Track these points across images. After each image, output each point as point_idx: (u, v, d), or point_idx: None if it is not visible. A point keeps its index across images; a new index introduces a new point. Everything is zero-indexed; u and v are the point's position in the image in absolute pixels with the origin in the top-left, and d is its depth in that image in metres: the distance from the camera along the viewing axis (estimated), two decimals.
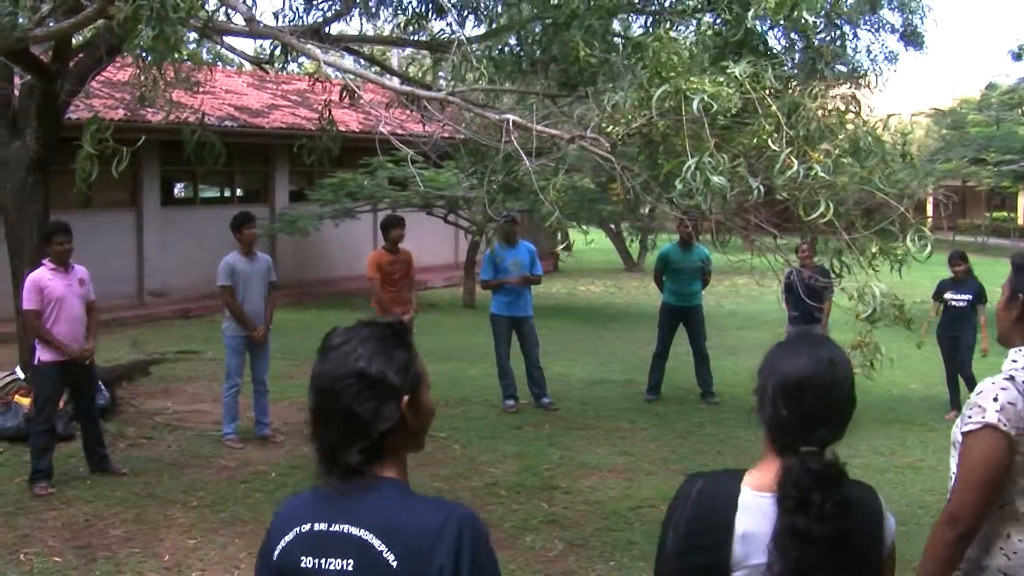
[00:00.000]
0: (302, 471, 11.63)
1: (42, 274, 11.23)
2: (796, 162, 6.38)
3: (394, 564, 2.84)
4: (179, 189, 30.04)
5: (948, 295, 15.33)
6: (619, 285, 34.19)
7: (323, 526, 2.96)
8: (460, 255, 32.39)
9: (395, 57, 35.79)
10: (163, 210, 26.50)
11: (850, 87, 8.75)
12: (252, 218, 13.20)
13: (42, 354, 11.20)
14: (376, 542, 2.87)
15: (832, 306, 14.16)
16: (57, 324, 11.16)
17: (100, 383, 13.06)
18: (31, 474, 11.02)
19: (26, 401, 12.76)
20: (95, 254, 19.73)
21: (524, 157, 8.00)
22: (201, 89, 14.34)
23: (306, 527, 2.99)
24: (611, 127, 7.67)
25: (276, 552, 3.02)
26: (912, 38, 10.88)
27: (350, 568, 2.89)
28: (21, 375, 13.43)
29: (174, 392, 15.89)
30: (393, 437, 2.99)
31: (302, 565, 2.95)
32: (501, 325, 15.08)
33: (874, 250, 6.86)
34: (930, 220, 7.15)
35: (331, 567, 2.91)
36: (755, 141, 6.76)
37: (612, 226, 36.03)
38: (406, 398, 3.01)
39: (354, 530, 2.90)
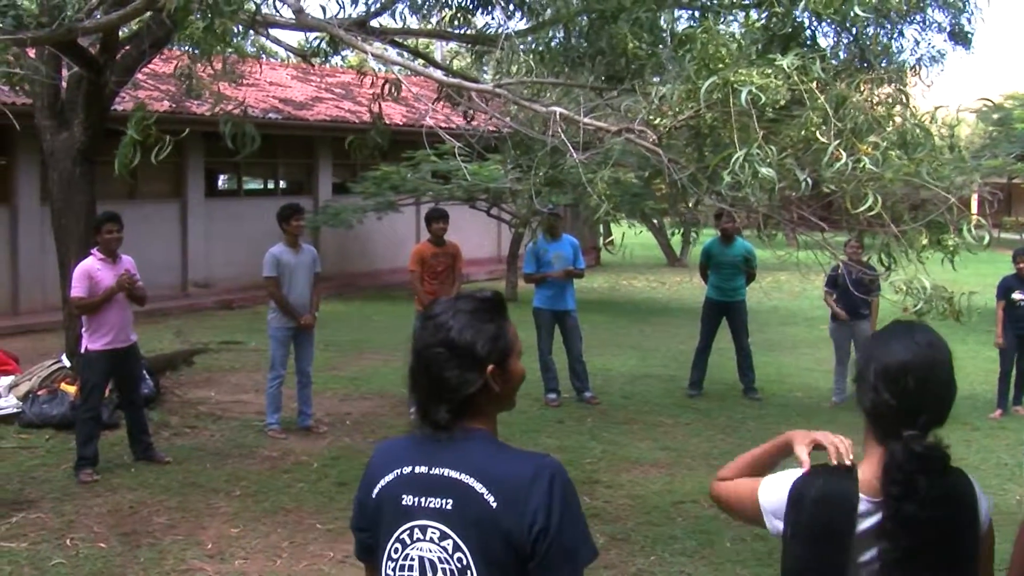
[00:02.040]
0: (344, 461, 11.67)
1: (92, 264, 11.31)
2: (844, 154, 6.36)
3: (494, 505, 3.14)
4: (223, 181, 30.20)
5: (1016, 295, 14.81)
6: (661, 280, 34.12)
7: (423, 468, 3.27)
8: (503, 249, 32.36)
9: (439, 51, 35.83)
10: (207, 201, 26.61)
11: (896, 83, 8.66)
12: (301, 210, 13.21)
13: (89, 343, 11.29)
14: (477, 485, 3.18)
15: (879, 302, 14.10)
16: (106, 314, 11.23)
17: (145, 372, 13.14)
18: (77, 461, 11.11)
19: (72, 389, 12.86)
20: (140, 245, 19.84)
21: (571, 150, 8.00)
22: (246, 81, 14.40)
23: (407, 469, 3.31)
24: (658, 119, 7.65)
25: (376, 490, 3.36)
26: (959, 37, 10.79)
27: (449, 507, 3.20)
28: (67, 363, 13.53)
29: (217, 382, 15.98)
30: (479, 399, 3.28)
31: (403, 503, 3.28)
32: (544, 318, 15.07)
33: (924, 242, 6.82)
34: (975, 217, 7.05)
35: (431, 505, 3.23)
36: (803, 133, 6.73)
37: (655, 221, 35.93)
38: (491, 367, 3.29)
39: (454, 473, 3.22)
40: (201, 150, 25.39)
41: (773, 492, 3.61)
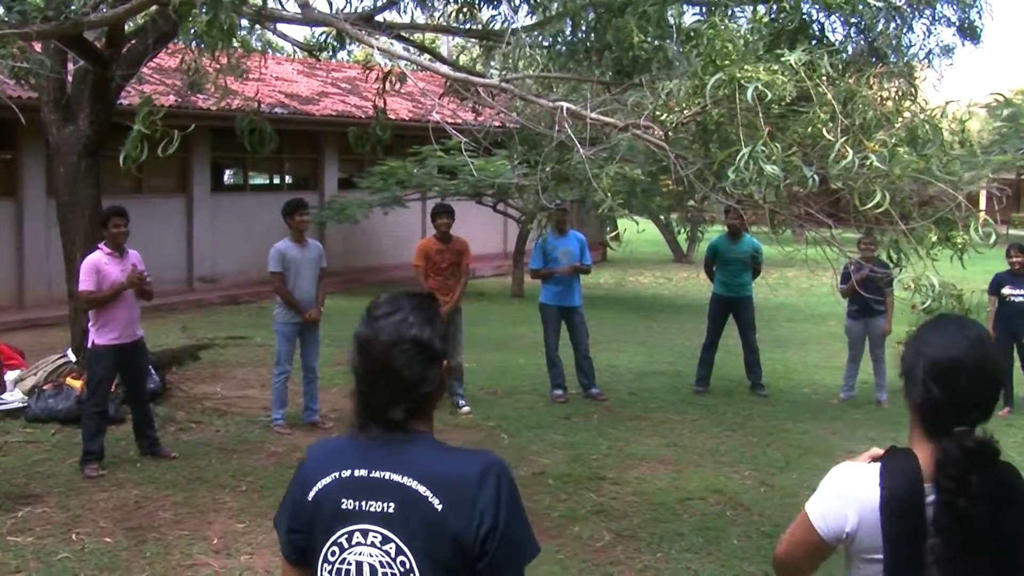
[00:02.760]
0: None
1: (99, 258, 11.32)
2: (851, 151, 6.35)
3: (439, 507, 3.13)
4: (229, 176, 30.18)
5: (1006, 290, 14.69)
6: (668, 276, 34.10)
7: (363, 472, 3.25)
8: (509, 244, 32.39)
9: (445, 46, 35.82)
10: (213, 196, 26.63)
11: (905, 78, 8.66)
12: (304, 205, 13.22)
13: (96, 338, 11.31)
14: (421, 488, 3.16)
15: (894, 300, 14.10)
16: (114, 309, 11.26)
17: (151, 367, 13.17)
18: (83, 456, 11.14)
19: (78, 384, 12.89)
20: (145, 239, 19.86)
21: (578, 145, 8.00)
22: (251, 76, 14.41)
23: (346, 472, 3.27)
24: (665, 115, 7.64)
25: (313, 492, 3.30)
26: (968, 32, 10.76)
27: (391, 510, 3.18)
28: (73, 357, 13.56)
29: (223, 377, 16.01)
30: (431, 397, 3.34)
31: (342, 506, 3.24)
32: (550, 315, 15.08)
33: (933, 239, 6.82)
34: (983, 213, 7.05)
35: (372, 508, 3.21)
36: (810, 130, 6.72)
37: (662, 217, 35.90)
38: (446, 362, 3.36)
39: (396, 477, 3.20)
40: (207, 145, 25.42)
41: (834, 500, 3.52)
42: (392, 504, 3.18)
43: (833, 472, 3.52)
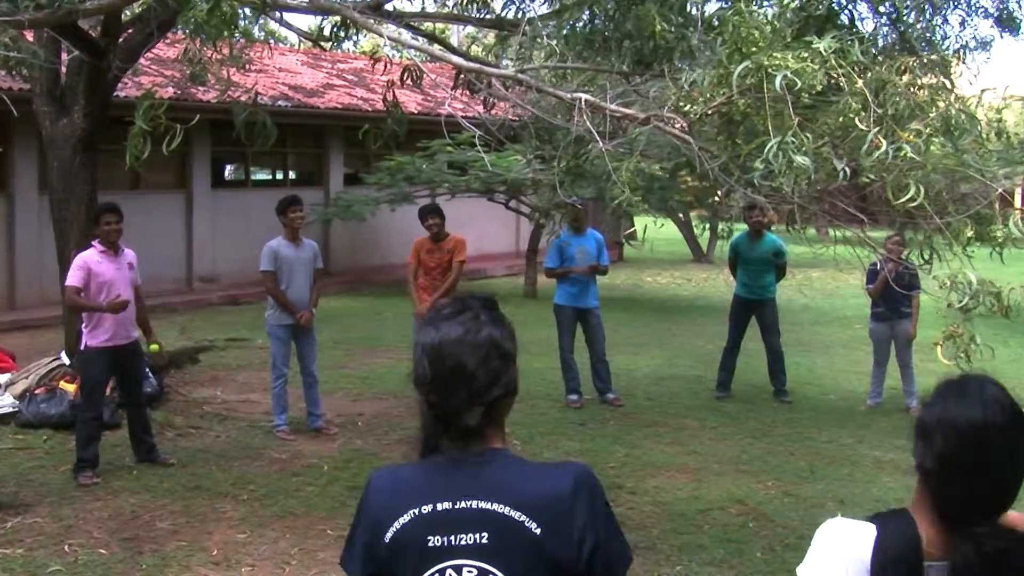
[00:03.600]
0: (356, 464, 11.65)
1: (91, 256, 11.26)
2: (884, 142, 6.29)
3: (538, 532, 3.00)
4: (230, 171, 30.20)
5: None
6: (687, 276, 34.04)
7: (447, 504, 3.08)
8: (522, 243, 32.33)
9: (455, 36, 35.79)
10: (213, 192, 26.66)
11: (939, 71, 8.59)
12: (298, 201, 13.16)
13: (89, 339, 11.26)
14: (515, 514, 3.02)
15: (920, 301, 14.04)
16: None
17: (147, 370, 13.13)
18: (76, 463, 11.08)
19: (71, 387, 12.85)
20: (143, 237, 19.87)
21: (597, 138, 7.95)
22: (253, 67, 14.38)
23: (427, 508, 3.10)
24: (688, 106, 7.59)
25: (390, 533, 3.11)
26: (1007, 23, 10.66)
27: (485, 541, 3.03)
28: (66, 360, 13.53)
29: (223, 381, 15.98)
30: (503, 403, 3.20)
31: (429, 544, 3.07)
32: (565, 316, 15.03)
33: (969, 234, 6.75)
34: (1019, 211, 6.96)
35: (463, 542, 3.04)
36: (840, 120, 6.67)
37: (681, 215, 35.84)
38: (515, 364, 3.26)
39: (484, 504, 3.05)
40: (207, 139, 25.44)
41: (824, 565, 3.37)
42: (485, 534, 3.04)
43: (824, 528, 3.35)
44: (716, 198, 11.27)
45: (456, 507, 3.07)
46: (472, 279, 29.44)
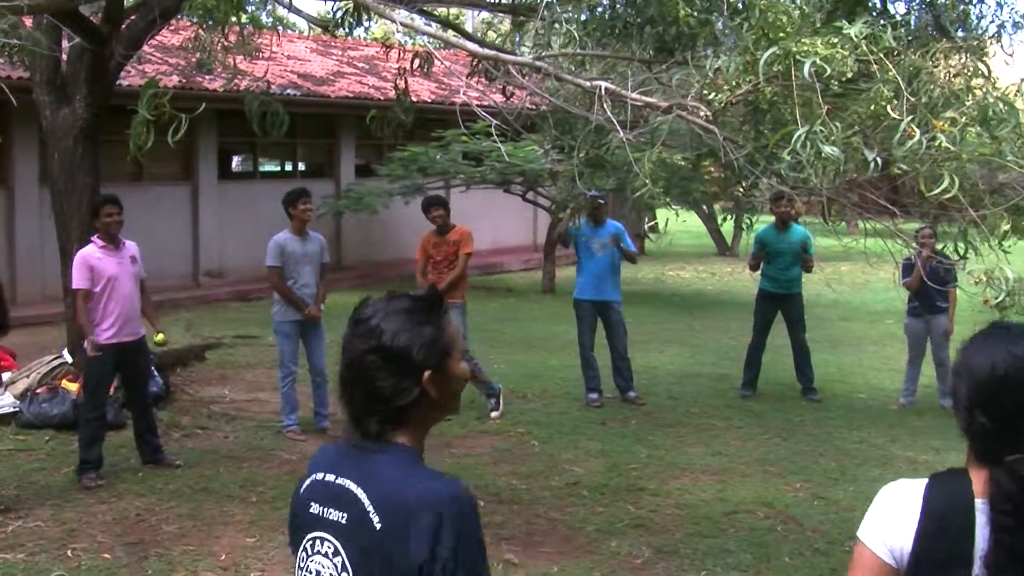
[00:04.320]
0: None
1: (92, 251, 11.25)
2: (918, 131, 6.26)
3: (378, 526, 3.12)
4: (237, 162, 30.23)
5: None
6: (711, 270, 34.01)
7: (331, 476, 3.28)
8: (539, 236, 32.32)
9: (470, 22, 35.77)
10: (220, 184, 26.67)
11: (975, 54, 8.54)
12: (307, 194, 13.18)
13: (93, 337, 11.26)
14: (368, 503, 3.15)
15: (956, 295, 14.02)
16: (109, 304, 11.19)
17: (153, 369, 13.13)
18: (79, 464, 11.09)
19: (74, 387, 12.87)
20: (147, 230, 19.91)
21: (617, 128, 7.93)
22: (262, 55, 14.37)
23: (320, 475, 3.33)
24: (713, 95, 7.56)
25: (299, 492, 3.39)
26: None
27: (343, 521, 3.21)
28: (69, 358, 13.53)
29: (231, 379, 16.00)
30: (414, 408, 3.26)
31: (311, 510, 3.31)
32: (585, 311, 15.01)
33: (1005, 227, 6.71)
34: None
35: (330, 516, 3.25)
36: (872, 109, 6.64)
37: (704, 207, 35.77)
38: (428, 374, 3.25)
39: (352, 486, 3.21)
40: (213, 129, 25.45)
41: (885, 523, 3.40)
42: (345, 515, 3.20)
43: (883, 491, 3.40)
44: (740, 189, 11.21)
45: (336, 481, 3.25)
46: (488, 273, 29.46)
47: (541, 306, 24.86)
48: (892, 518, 3.29)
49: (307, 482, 3.36)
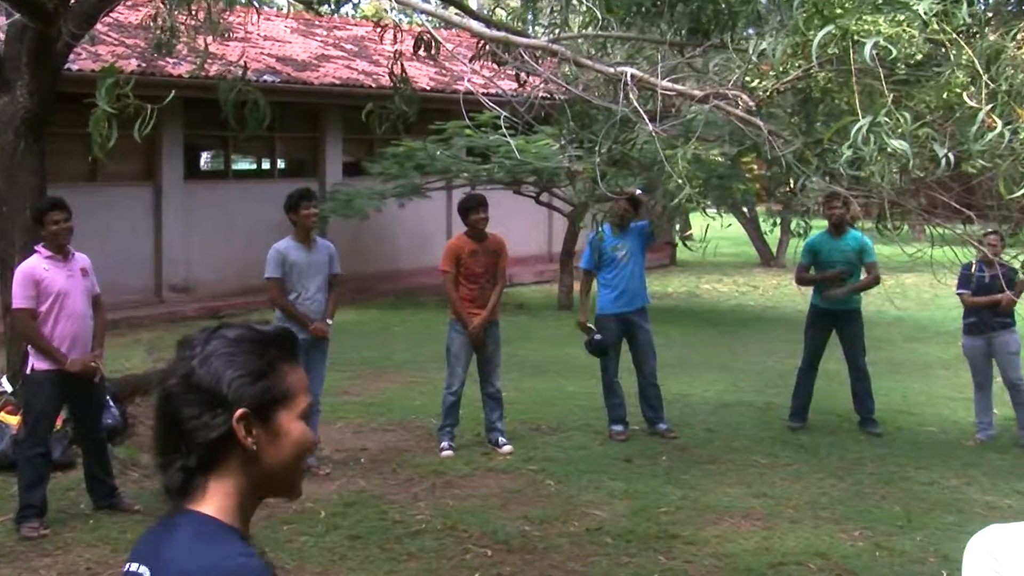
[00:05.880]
0: (359, 509, 11.61)
1: (36, 264, 11.16)
2: (999, 122, 6.18)
3: None
4: (207, 159, 30.27)
5: None
6: (753, 283, 34.04)
7: (133, 566, 3.18)
8: (555, 244, 32.31)
9: None
10: (187, 185, 26.66)
11: None
12: (312, 196, 13.21)
13: (36, 361, 11.17)
14: None
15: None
16: (58, 325, 11.12)
17: (108, 398, 13.07)
18: (19, 511, 11.04)
19: (13, 420, 12.76)
20: (102, 239, 19.89)
21: (645, 120, 7.88)
22: (235, 35, 14.34)
23: (127, 566, 3.22)
24: (756, 82, 7.51)
25: None
26: None
27: None
28: (8, 387, 13.42)
29: None
30: (223, 457, 3.14)
31: None
32: (609, 329, 14.94)
33: None
34: None
35: None
36: (944, 97, 6.57)
37: (745, 210, 35.73)
38: (240, 411, 3.11)
39: (143, 569, 3.12)
40: (179, 121, 25.42)
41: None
42: None
43: (975, 541, 3.29)
44: (788, 189, 11.14)
45: (128, 570, 3.17)
46: None
47: (557, 324, 24.82)
48: (1002, 571, 3.20)
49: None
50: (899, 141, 6.11)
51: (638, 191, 14.54)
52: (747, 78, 7.65)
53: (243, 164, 30.76)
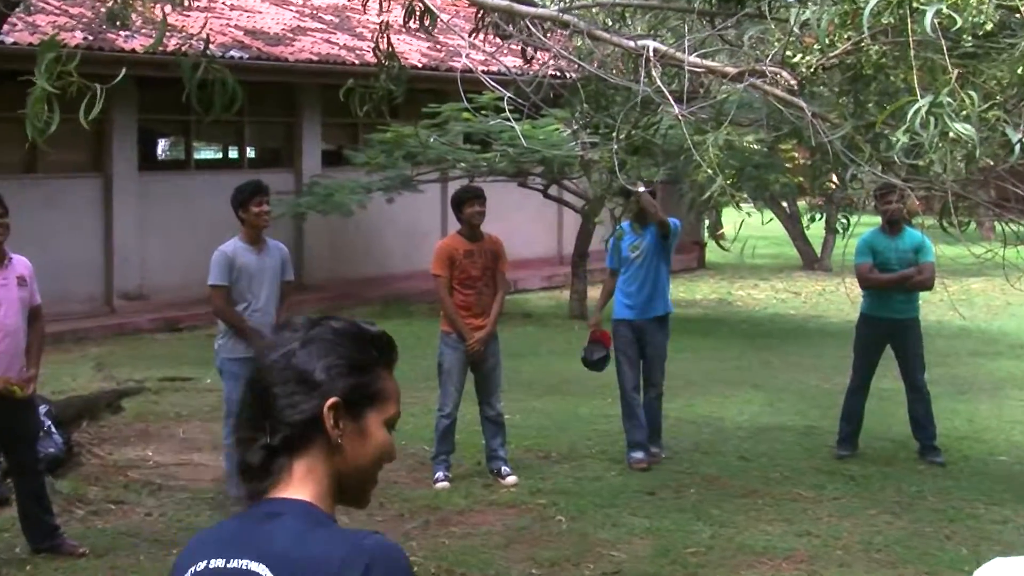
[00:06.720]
0: None
1: None
2: None
3: None
4: (164, 147, 30.26)
5: None
6: (794, 288, 34.02)
7: (220, 562, 3.33)
8: (566, 244, 32.31)
9: None
10: (142, 176, 26.66)
11: None
12: (264, 190, 13.10)
13: None
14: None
15: None
16: None
17: (48, 423, 13.04)
18: None
19: None
20: (43, 238, 19.89)
21: (671, 101, 7.87)
22: (197, 4, 14.35)
23: (202, 564, 3.36)
24: (799, 57, 7.50)
25: None
26: None
27: None
28: None
29: (156, 437, 15.96)
30: (307, 443, 3.39)
31: None
32: (623, 336, 14.97)
33: None
34: None
35: None
36: (1019, 72, 6.56)
37: (785, 205, 35.72)
38: (332, 401, 3.38)
39: (253, 565, 3.26)
40: (132, 102, 25.42)
41: None
42: None
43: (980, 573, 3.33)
44: (835, 181, 11.12)
45: (228, 566, 3.31)
46: None
47: (568, 336, 24.79)
48: None
49: None
50: (964, 124, 6.11)
51: (641, 188, 14.52)
52: (788, 52, 7.65)
53: (207, 152, 30.85)
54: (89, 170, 25.79)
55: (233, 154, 30.52)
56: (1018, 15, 6.57)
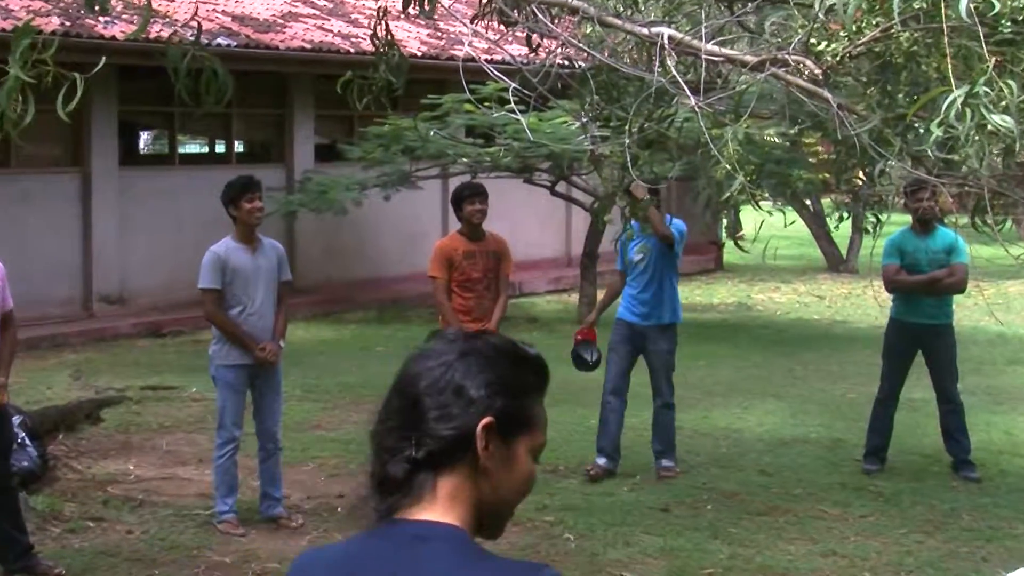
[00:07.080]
0: None
1: None
2: None
3: None
4: (147, 140, 30.27)
5: None
6: (818, 292, 34.02)
7: None
8: (575, 245, 32.31)
9: None
10: (123, 172, 26.64)
11: None
12: (256, 186, 13.06)
13: None
14: None
15: None
16: None
17: (22, 435, 13.04)
18: None
19: None
20: (18, 238, 19.90)
21: (687, 92, 7.86)
22: None
23: None
24: (823, 45, 7.49)
25: None
26: None
27: None
28: None
29: (139, 449, 15.94)
30: (456, 462, 3.35)
31: None
32: (618, 336, 15.23)
33: None
34: None
35: None
36: None
37: (808, 203, 35.68)
38: (487, 420, 3.34)
39: None
40: (113, 94, 25.41)
41: None
42: None
43: None
44: (862, 177, 11.10)
45: None
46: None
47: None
48: None
49: None
50: (1003, 116, 6.09)
51: (643, 191, 14.53)
52: (812, 40, 7.64)
53: (192, 147, 30.87)
54: (66, 165, 25.80)
55: (220, 148, 30.53)
56: None
